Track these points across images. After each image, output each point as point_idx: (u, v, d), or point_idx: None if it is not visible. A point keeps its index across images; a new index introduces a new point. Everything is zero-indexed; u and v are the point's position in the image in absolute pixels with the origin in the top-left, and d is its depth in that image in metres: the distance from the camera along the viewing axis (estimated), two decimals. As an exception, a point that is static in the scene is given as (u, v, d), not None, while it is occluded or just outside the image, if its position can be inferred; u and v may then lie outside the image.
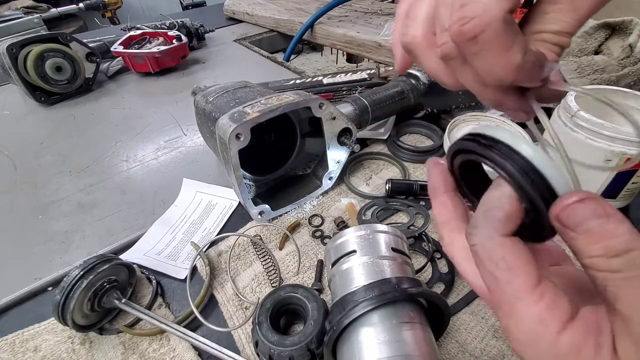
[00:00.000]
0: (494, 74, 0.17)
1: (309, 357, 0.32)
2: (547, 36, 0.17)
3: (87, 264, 0.38)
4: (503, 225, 0.18)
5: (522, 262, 0.17)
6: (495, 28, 0.15)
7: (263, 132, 0.56)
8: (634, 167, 0.41)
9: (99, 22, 2.06)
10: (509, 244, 0.18)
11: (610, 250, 0.14)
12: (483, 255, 0.18)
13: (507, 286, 0.18)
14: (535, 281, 0.17)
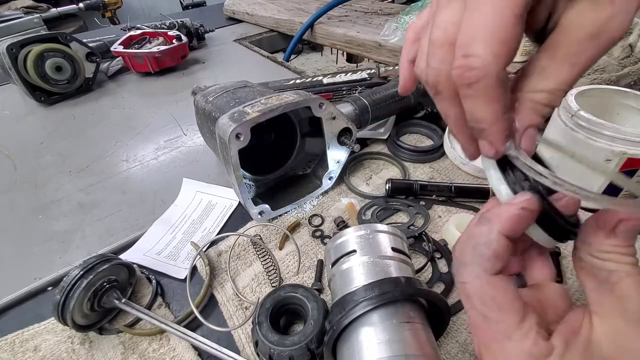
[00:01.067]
0: (475, 116, 0.18)
1: (309, 357, 0.32)
2: (538, 96, 0.18)
3: (87, 263, 0.38)
4: (492, 264, 0.19)
5: (510, 300, 0.19)
6: (488, 82, 0.17)
7: (263, 132, 0.56)
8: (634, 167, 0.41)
9: (99, 22, 2.06)
10: (499, 283, 0.19)
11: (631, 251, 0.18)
12: (473, 294, 0.19)
13: (497, 326, 0.19)
14: (522, 316, 0.19)
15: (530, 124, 0.19)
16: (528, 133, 0.19)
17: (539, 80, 0.18)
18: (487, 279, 0.19)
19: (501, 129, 0.18)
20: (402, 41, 0.86)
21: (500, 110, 0.18)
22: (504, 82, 0.17)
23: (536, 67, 0.18)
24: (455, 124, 0.20)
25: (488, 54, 0.16)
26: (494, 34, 0.16)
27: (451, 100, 0.19)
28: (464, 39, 0.17)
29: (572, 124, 0.43)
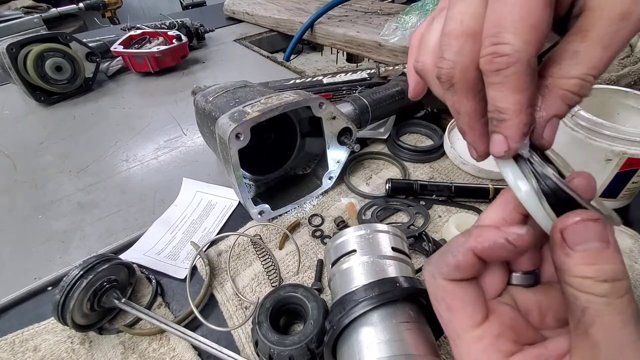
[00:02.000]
0: (499, 105, 0.18)
1: (308, 356, 0.32)
2: (570, 83, 0.17)
3: (87, 263, 0.38)
4: (449, 271, 0.19)
5: (463, 304, 0.19)
6: (518, 68, 0.16)
7: (263, 131, 0.56)
8: (634, 166, 0.41)
9: (99, 22, 2.06)
10: (451, 287, 0.19)
11: (601, 274, 0.15)
12: (429, 290, 0.20)
13: (448, 324, 0.19)
14: (475, 322, 0.18)
15: (557, 113, 0.18)
16: (552, 123, 0.18)
17: (571, 66, 0.17)
18: (440, 282, 0.19)
19: (522, 122, 0.17)
20: (402, 41, 0.86)
21: (526, 100, 0.17)
22: (534, 70, 0.17)
23: (567, 51, 0.17)
24: (469, 120, 0.20)
25: (519, 40, 0.16)
26: (523, 19, 0.16)
27: (466, 93, 0.19)
28: (492, 27, 0.17)
29: (572, 124, 0.43)
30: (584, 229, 0.16)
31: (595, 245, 0.15)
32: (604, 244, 0.15)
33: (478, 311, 0.19)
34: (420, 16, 0.85)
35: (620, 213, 0.47)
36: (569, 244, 0.16)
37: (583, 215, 0.16)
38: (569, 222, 0.16)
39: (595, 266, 0.15)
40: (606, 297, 0.15)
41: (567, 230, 0.16)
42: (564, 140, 0.45)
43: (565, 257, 0.16)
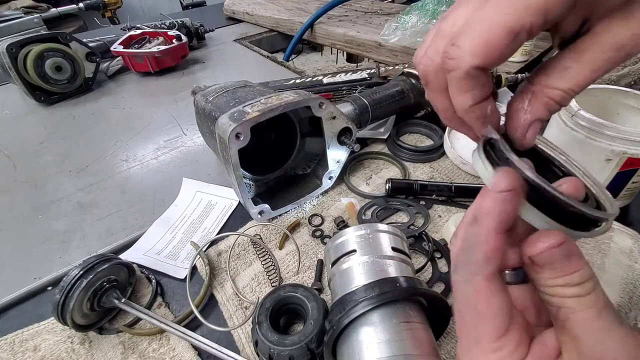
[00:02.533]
0: (453, 101, 0.20)
1: (308, 356, 0.32)
2: (553, 93, 0.19)
3: (87, 263, 0.38)
4: (481, 267, 0.18)
5: (493, 313, 0.18)
6: (459, 74, 0.18)
7: (263, 131, 0.56)
8: (634, 166, 0.41)
9: (99, 22, 2.06)
10: (485, 292, 0.19)
11: (569, 282, 0.17)
12: (459, 295, 0.20)
13: (471, 328, 0.19)
14: (500, 332, 0.18)
15: (539, 117, 0.20)
16: (534, 125, 0.20)
17: (558, 79, 0.19)
18: (476, 284, 0.19)
19: (475, 116, 0.20)
20: (402, 41, 0.86)
21: (469, 101, 0.19)
22: (475, 77, 0.18)
23: (559, 65, 0.19)
24: (444, 114, 0.22)
25: (467, 49, 0.18)
26: (481, 35, 0.17)
27: (439, 91, 0.21)
28: (460, 30, 0.18)
29: (573, 124, 0.43)
30: (549, 255, 0.17)
31: (560, 262, 0.17)
32: (569, 257, 0.17)
33: (505, 321, 0.19)
34: (420, 16, 0.85)
35: (620, 213, 0.46)
36: (537, 265, 0.18)
37: (548, 241, 0.17)
38: (536, 252, 0.17)
39: (563, 278, 0.17)
40: (576, 296, 0.17)
41: (535, 258, 0.17)
42: (565, 140, 0.45)
43: (535, 274, 0.18)
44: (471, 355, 0.19)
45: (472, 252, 0.19)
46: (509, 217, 0.18)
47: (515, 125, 0.20)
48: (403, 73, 0.65)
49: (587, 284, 0.17)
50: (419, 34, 0.83)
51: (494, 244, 0.18)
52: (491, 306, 0.18)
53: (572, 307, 0.17)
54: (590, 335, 0.16)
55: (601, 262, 0.41)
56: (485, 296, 0.18)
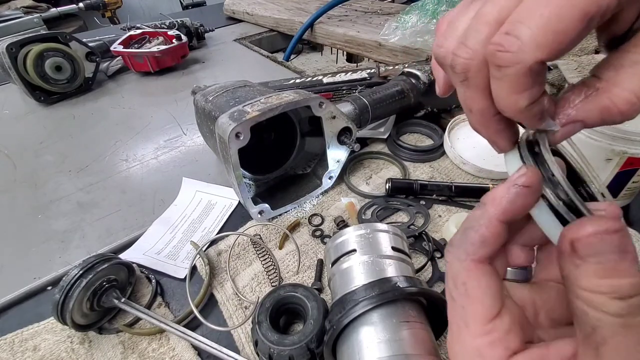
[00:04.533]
0: (499, 101, 0.17)
1: (308, 356, 0.32)
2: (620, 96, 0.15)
3: (87, 263, 0.38)
4: (476, 249, 0.18)
5: (482, 293, 0.17)
6: (518, 70, 0.15)
7: (263, 131, 0.56)
8: (634, 166, 0.41)
9: (99, 22, 2.06)
10: (475, 271, 0.18)
11: (617, 290, 0.13)
12: (449, 273, 0.19)
13: (460, 310, 0.18)
14: (491, 314, 0.17)
15: (585, 119, 0.16)
16: (573, 126, 0.17)
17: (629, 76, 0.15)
18: (466, 264, 0.18)
19: (532, 114, 0.16)
20: (402, 41, 0.86)
21: (526, 102, 0.16)
22: (537, 74, 0.15)
23: (626, 59, 0.15)
24: (481, 118, 0.18)
25: (530, 41, 0.14)
26: (549, 22, 0.14)
27: (482, 90, 0.17)
28: (515, 15, 0.15)
29: (573, 123, 0.43)
30: (600, 242, 0.14)
31: (611, 257, 0.13)
32: (622, 255, 0.13)
33: (495, 304, 0.17)
34: (420, 16, 0.85)
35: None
36: (580, 254, 0.14)
37: (600, 225, 0.14)
38: (582, 234, 0.14)
39: (610, 280, 0.13)
40: (621, 317, 0.13)
41: (579, 243, 0.14)
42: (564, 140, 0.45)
43: (574, 267, 0.14)
44: (460, 339, 0.18)
45: (470, 232, 0.18)
46: (517, 210, 0.16)
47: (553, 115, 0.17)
48: (403, 73, 0.65)
49: (637, 300, 0.13)
50: (419, 34, 0.83)
51: (494, 229, 0.17)
52: (480, 286, 0.17)
53: (613, 331, 0.13)
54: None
55: (601, 261, 0.41)
56: (475, 276, 0.18)
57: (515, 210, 0.17)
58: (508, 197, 0.17)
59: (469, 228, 0.18)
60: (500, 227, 0.17)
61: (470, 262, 0.18)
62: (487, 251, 0.18)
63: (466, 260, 0.18)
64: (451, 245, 0.19)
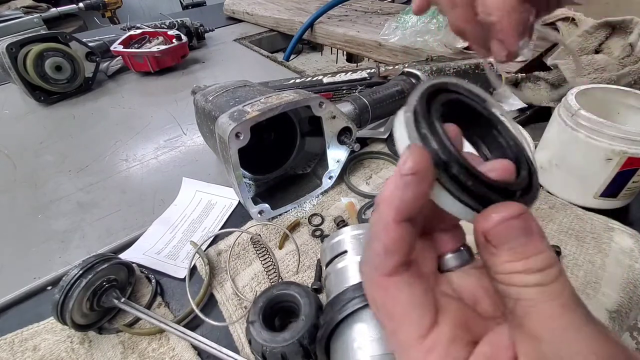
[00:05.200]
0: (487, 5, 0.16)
1: (301, 353, 0.32)
2: None
3: (86, 263, 0.38)
4: (382, 261, 0.15)
5: (405, 310, 0.15)
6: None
7: (263, 131, 0.56)
8: (634, 166, 0.41)
9: (99, 22, 2.06)
10: (391, 288, 0.16)
11: (530, 267, 0.14)
12: (368, 297, 0.17)
13: (392, 336, 0.16)
14: (424, 329, 0.15)
15: None
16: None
17: None
18: (378, 282, 0.16)
19: (513, 22, 0.15)
20: (402, 40, 0.86)
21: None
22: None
23: None
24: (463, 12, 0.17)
25: None
26: None
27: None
28: None
29: (573, 123, 0.43)
30: (507, 229, 0.14)
31: (520, 241, 0.14)
32: (529, 236, 0.14)
33: (425, 315, 0.15)
34: (420, 16, 0.85)
35: (620, 213, 0.46)
36: (493, 244, 0.14)
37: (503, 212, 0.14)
38: (490, 225, 0.14)
39: (523, 261, 0.14)
40: (539, 286, 0.14)
41: (489, 234, 0.14)
42: (565, 140, 0.45)
43: (491, 256, 0.15)
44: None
45: (373, 243, 0.16)
46: (411, 204, 0.15)
47: None
48: (403, 73, 0.65)
49: (551, 270, 0.14)
50: (419, 34, 0.83)
51: (394, 234, 0.15)
52: (401, 302, 0.15)
53: (532, 299, 0.14)
54: (554, 334, 0.13)
55: (602, 261, 0.41)
56: (391, 293, 0.16)
57: (411, 206, 0.15)
58: (398, 193, 0.15)
59: (372, 238, 0.16)
60: (402, 229, 0.15)
61: (382, 279, 0.16)
62: (395, 260, 0.15)
63: (377, 277, 0.16)
64: (362, 263, 0.17)
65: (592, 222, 0.45)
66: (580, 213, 0.47)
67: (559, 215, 0.47)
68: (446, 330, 0.15)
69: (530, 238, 0.14)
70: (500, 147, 0.18)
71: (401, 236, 0.15)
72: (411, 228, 0.15)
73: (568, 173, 0.46)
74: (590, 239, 0.43)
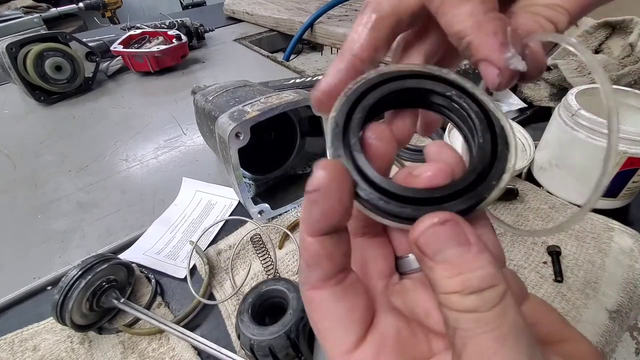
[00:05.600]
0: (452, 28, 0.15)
1: (288, 345, 0.33)
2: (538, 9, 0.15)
3: (86, 263, 0.38)
4: (306, 276, 0.15)
5: (332, 324, 0.15)
6: None
7: (263, 131, 0.56)
8: (634, 166, 0.41)
9: (99, 22, 2.06)
10: (317, 301, 0.15)
11: (468, 285, 0.12)
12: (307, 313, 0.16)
13: (323, 347, 0.15)
14: (349, 346, 0.14)
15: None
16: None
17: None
18: (306, 296, 0.15)
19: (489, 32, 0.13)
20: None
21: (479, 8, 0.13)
22: None
23: None
24: None
25: None
26: None
27: None
28: None
29: (573, 123, 0.43)
30: (433, 235, 0.13)
31: (453, 252, 0.12)
32: (464, 248, 0.12)
33: (350, 331, 0.14)
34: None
35: (620, 213, 0.46)
36: (428, 255, 0.13)
37: (429, 219, 0.13)
38: (416, 234, 0.13)
39: (460, 277, 0.12)
40: (476, 311, 0.12)
41: (419, 241, 0.13)
42: (565, 140, 0.45)
43: (429, 271, 0.13)
44: None
45: (300, 258, 0.16)
46: (323, 220, 0.14)
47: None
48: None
49: (491, 292, 0.12)
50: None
51: (312, 249, 0.14)
52: (327, 316, 0.15)
53: (468, 329, 0.12)
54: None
55: (602, 261, 0.41)
56: (317, 307, 0.15)
57: (322, 221, 0.14)
58: (305, 210, 0.14)
59: (299, 253, 0.15)
60: (318, 244, 0.14)
61: (308, 293, 0.15)
62: (318, 274, 0.14)
63: (305, 291, 0.15)
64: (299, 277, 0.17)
65: (592, 222, 0.45)
66: (580, 213, 0.46)
67: (559, 215, 0.47)
68: (371, 350, 0.14)
69: (466, 249, 0.12)
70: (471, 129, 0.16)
71: (317, 251, 0.14)
72: (334, 240, 0.14)
73: (568, 173, 0.46)
74: (590, 239, 0.43)
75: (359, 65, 0.15)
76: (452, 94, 0.15)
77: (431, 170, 0.15)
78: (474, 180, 0.14)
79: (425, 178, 0.15)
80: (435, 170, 0.15)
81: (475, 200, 0.14)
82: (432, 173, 0.15)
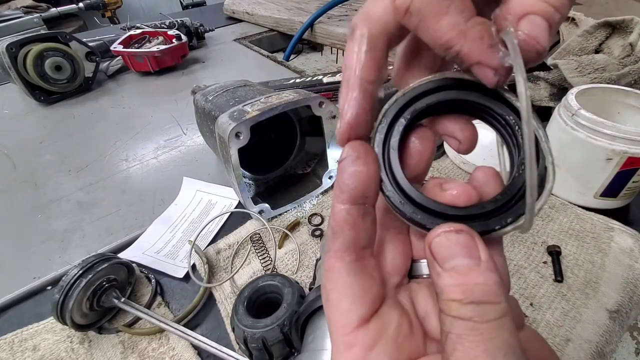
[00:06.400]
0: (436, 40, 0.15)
1: (281, 338, 0.33)
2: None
3: (86, 263, 0.38)
4: (330, 242, 0.15)
5: (340, 296, 0.15)
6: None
7: (263, 131, 0.56)
8: (634, 166, 0.41)
9: (99, 22, 2.06)
10: (335, 270, 0.15)
11: (469, 295, 0.13)
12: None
13: (328, 319, 0.16)
14: (352, 323, 0.15)
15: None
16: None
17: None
18: (325, 262, 0.15)
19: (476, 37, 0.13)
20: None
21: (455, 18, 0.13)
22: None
23: None
24: None
25: None
26: None
27: None
28: None
29: (573, 123, 0.43)
30: (447, 241, 0.13)
31: (462, 262, 0.13)
32: (474, 261, 0.13)
33: (356, 309, 0.15)
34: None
35: (620, 213, 0.46)
36: (438, 260, 0.14)
37: (445, 226, 0.14)
38: (432, 236, 0.14)
39: (463, 286, 0.13)
40: (470, 320, 0.12)
41: (432, 245, 0.14)
42: (565, 140, 0.45)
43: (437, 277, 0.14)
44: (332, 351, 0.15)
45: (328, 228, 0.16)
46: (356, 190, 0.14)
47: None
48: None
49: (490, 306, 0.12)
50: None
51: (339, 216, 0.15)
52: (339, 287, 0.15)
53: (460, 334, 0.12)
54: None
55: (602, 261, 0.41)
56: (332, 276, 0.15)
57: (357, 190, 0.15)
58: (337, 178, 0.15)
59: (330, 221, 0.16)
60: (347, 212, 0.15)
61: (327, 259, 0.15)
62: (340, 242, 0.15)
63: (325, 257, 0.15)
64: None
65: (592, 222, 0.45)
66: (580, 213, 0.47)
67: (559, 215, 0.47)
68: (371, 334, 0.15)
69: (475, 262, 0.13)
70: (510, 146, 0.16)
71: (344, 218, 0.15)
72: (360, 211, 0.15)
73: (568, 173, 0.46)
74: (590, 239, 0.43)
75: (370, 88, 0.16)
76: (510, 118, 0.15)
77: (457, 190, 0.15)
78: (494, 210, 0.15)
79: (448, 195, 0.15)
80: (461, 191, 0.15)
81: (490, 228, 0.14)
82: (457, 192, 0.15)
